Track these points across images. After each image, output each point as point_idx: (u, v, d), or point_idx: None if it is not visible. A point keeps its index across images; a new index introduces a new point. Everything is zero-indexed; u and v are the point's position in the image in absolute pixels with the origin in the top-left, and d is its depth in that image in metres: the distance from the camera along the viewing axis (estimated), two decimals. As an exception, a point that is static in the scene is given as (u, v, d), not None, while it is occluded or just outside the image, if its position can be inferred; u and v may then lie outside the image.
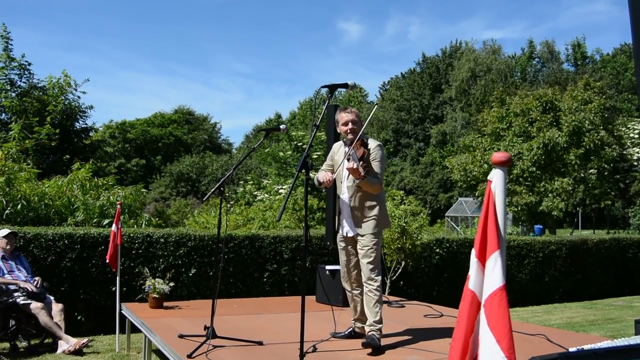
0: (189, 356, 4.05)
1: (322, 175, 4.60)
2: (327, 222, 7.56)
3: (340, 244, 4.79)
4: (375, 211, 4.60)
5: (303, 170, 3.61)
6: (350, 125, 4.61)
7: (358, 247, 4.63)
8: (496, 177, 1.63)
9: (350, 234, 4.68)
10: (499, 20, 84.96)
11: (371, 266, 4.53)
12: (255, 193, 19.08)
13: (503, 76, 44.75)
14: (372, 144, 4.60)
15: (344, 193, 4.68)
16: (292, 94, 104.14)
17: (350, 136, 4.59)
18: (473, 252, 1.74)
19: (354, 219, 4.62)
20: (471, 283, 1.64)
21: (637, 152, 27.40)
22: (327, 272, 6.69)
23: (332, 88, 4.00)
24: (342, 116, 4.66)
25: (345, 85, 4.00)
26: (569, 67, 53.67)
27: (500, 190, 1.62)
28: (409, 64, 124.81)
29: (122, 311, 6.41)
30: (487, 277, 1.59)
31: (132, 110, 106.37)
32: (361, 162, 4.28)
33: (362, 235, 4.59)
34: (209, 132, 64.18)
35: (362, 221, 4.59)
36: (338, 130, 4.78)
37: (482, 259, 1.62)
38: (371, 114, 6.24)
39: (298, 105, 59.01)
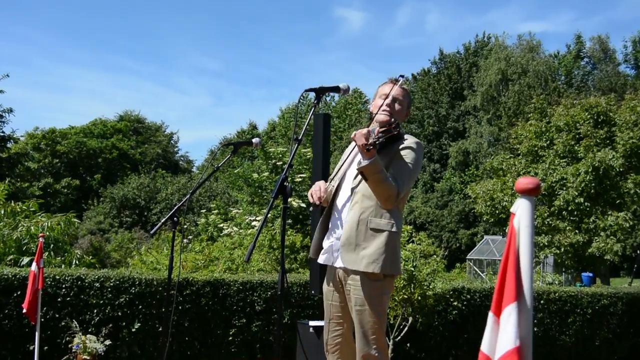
0: None
1: (314, 190, 3.91)
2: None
3: (327, 285, 4.06)
4: (384, 237, 3.77)
5: (280, 197, 3.55)
6: (389, 101, 4.07)
7: (349, 295, 3.84)
8: (521, 209, 1.64)
9: (338, 265, 3.87)
10: (540, 9, 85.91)
11: (372, 334, 3.76)
12: (221, 226, 19.06)
13: (543, 80, 45.22)
14: (410, 139, 4.04)
15: (341, 197, 4.04)
16: (273, 99, 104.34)
17: (382, 117, 4.07)
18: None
19: (350, 239, 3.80)
20: (484, 344, 1.63)
21: None
22: (311, 330, 6.68)
23: (319, 92, 3.86)
24: (386, 88, 4.12)
25: (336, 89, 3.84)
26: (628, 70, 54.38)
27: (526, 225, 1.62)
28: (424, 62, 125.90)
29: (42, 377, 6.35)
30: (500, 335, 1.58)
31: (64, 115, 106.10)
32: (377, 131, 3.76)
33: (359, 275, 3.75)
34: (164, 145, 64.22)
35: (362, 248, 3.76)
36: (372, 107, 4.25)
37: (498, 314, 1.61)
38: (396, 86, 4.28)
39: (279, 114, 59.25)
